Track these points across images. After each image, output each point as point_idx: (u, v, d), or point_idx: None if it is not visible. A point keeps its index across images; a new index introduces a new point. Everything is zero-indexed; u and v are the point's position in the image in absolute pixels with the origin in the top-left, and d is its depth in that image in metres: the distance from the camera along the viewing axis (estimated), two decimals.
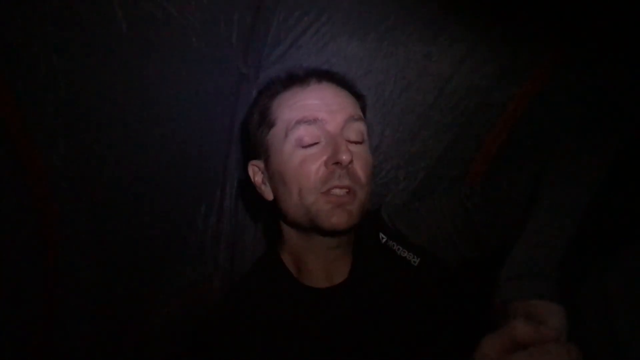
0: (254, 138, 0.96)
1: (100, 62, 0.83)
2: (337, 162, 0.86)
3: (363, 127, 0.93)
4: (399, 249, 0.97)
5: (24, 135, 0.83)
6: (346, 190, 0.87)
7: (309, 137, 0.88)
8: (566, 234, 0.71)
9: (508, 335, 0.59)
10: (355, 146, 0.90)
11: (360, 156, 0.90)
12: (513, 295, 0.67)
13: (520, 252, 0.73)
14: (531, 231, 0.75)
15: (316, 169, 0.87)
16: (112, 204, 0.98)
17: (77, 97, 0.84)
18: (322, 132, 0.89)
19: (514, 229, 0.79)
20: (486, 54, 1.09)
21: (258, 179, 0.97)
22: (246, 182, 1.01)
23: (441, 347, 0.88)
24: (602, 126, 1.09)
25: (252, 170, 0.97)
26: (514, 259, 0.72)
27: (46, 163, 0.87)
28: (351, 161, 0.86)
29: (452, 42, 1.06)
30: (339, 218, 0.87)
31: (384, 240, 0.98)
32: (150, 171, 1.00)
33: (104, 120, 0.90)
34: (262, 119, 0.94)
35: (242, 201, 1.14)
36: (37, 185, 0.87)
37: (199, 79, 0.94)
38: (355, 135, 0.91)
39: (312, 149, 0.88)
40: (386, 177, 1.22)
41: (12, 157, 0.84)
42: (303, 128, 0.88)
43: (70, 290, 0.98)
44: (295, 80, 0.94)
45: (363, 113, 0.97)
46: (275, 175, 0.92)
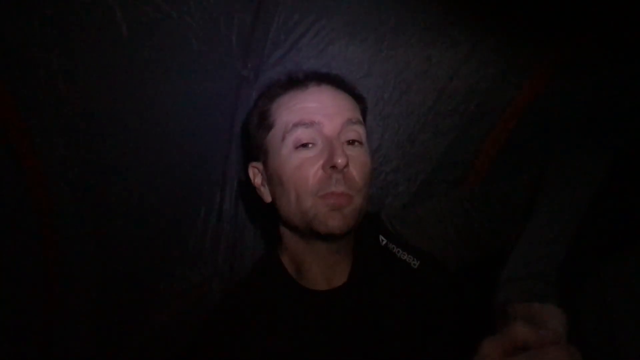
0: (254, 140, 0.97)
1: (99, 63, 0.83)
2: (333, 166, 0.85)
3: (361, 130, 0.93)
4: (398, 251, 0.96)
5: (24, 135, 0.82)
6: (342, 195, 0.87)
7: (306, 140, 0.88)
8: (566, 236, 0.71)
9: (508, 337, 0.59)
10: (352, 149, 0.90)
11: (357, 159, 0.90)
12: (513, 298, 0.67)
13: (520, 254, 0.73)
14: (531, 233, 0.75)
15: (313, 173, 0.87)
16: (112, 205, 0.98)
17: (76, 98, 0.84)
18: (320, 135, 0.89)
19: (513, 232, 0.79)
20: (486, 57, 1.09)
21: (258, 180, 0.97)
22: (246, 184, 1.01)
23: (441, 350, 0.88)
24: (601, 128, 1.10)
25: (252, 172, 0.97)
26: (513, 261, 0.73)
27: (46, 163, 0.87)
28: (347, 165, 0.86)
29: (452, 45, 1.06)
30: (335, 222, 0.87)
31: (383, 242, 0.98)
32: (150, 172, 0.99)
33: (104, 122, 0.90)
34: (261, 121, 0.94)
35: (242, 203, 1.14)
36: (37, 185, 0.87)
37: (198, 81, 0.95)
38: (353, 138, 0.91)
39: (309, 152, 0.88)
40: (386, 179, 1.22)
41: (12, 157, 0.84)
42: (300, 131, 0.88)
43: (69, 291, 0.98)
44: (295, 82, 0.94)
45: (363, 115, 0.97)
46: (273, 177, 0.92)
